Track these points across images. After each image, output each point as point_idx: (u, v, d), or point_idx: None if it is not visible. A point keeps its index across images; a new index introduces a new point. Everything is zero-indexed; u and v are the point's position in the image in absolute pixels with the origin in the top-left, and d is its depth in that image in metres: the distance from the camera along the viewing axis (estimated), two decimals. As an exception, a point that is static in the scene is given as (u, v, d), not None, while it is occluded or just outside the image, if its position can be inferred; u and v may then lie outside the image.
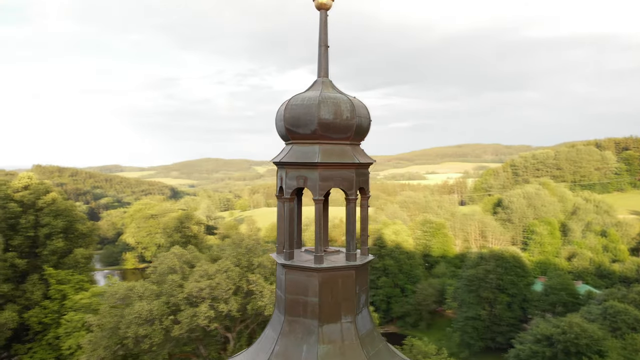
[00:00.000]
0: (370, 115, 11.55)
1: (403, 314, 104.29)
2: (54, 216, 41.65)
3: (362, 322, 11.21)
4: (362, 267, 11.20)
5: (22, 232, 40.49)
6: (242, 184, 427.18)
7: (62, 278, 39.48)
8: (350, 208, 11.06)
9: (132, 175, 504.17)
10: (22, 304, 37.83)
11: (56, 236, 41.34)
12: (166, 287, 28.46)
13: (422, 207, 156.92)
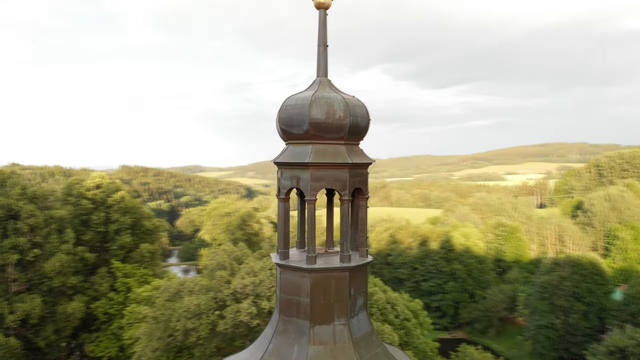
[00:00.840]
0: (369, 114, 11.30)
1: (472, 320, 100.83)
2: (122, 213, 44.54)
3: (357, 325, 10.98)
4: (357, 269, 10.99)
5: (93, 228, 43.61)
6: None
7: (127, 271, 42.11)
8: (344, 209, 10.90)
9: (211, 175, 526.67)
10: (90, 295, 40.79)
11: (124, 232, 44.19)
12: (214, 283, 29.49)
13: (495, 210, 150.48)
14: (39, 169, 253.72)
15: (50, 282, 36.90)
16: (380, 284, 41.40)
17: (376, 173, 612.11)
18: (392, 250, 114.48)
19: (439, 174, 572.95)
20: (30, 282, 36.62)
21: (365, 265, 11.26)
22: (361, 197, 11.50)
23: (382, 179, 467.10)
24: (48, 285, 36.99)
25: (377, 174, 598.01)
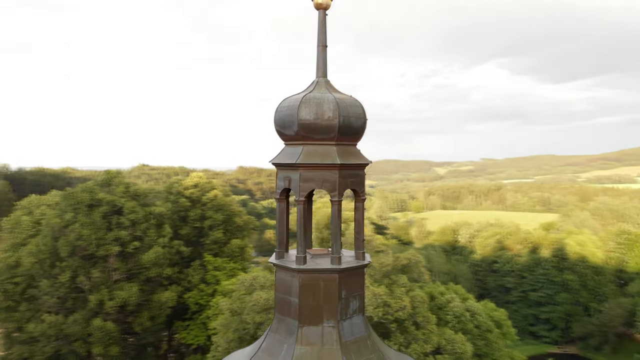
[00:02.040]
0: (365, 114, 11.06)
1: (585, 335, 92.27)
2: (216, 210, 47.67)
3: (350, 329, 10.81)
4: (349, 271, 10.81)
5: (190, 224, 47.19)
6: (419, 185, 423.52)
7: (218, 265, 44.91)
8: (334, 210, 10.79)
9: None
10: (184, 286, 44.17)
11: (217, 228, 47.25)
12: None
13: (619, 215, 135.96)
14: (164, 169, 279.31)
15: (147, 272, 40.54)
16: (462, 291, 39.55)
17: (491, 174, 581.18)
18: (498, 257, 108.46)
19: (563, 176, 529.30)
20: (130, 272, 40.55)
21: (359, 268, 11.02)
22: (357, 199, 11.29)
23: (498, 181, 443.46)
24: (145, 275, 40.67)
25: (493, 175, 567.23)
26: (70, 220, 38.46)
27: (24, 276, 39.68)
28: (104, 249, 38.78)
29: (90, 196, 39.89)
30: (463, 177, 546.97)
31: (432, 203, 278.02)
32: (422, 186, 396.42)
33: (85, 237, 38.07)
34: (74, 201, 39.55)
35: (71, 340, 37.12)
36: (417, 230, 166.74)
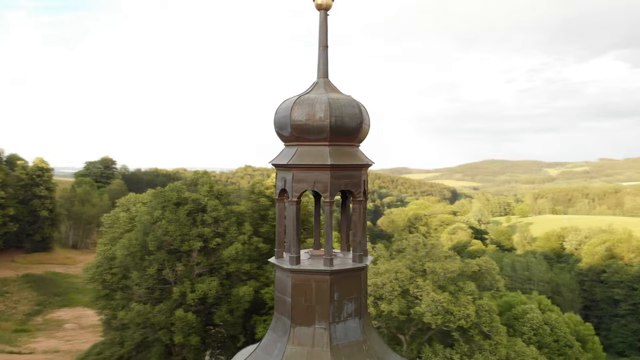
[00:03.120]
0: (362, 114, 10.83)
1: None
2: (296, 210, 48.80)
3: (343, 332, 10.72)
4: (343, 274, 10.73)
5: (269, 222, 48.84)
6: (527, 188, 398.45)
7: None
8: (327, 211, 10.75)
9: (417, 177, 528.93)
10: (262, 281, 45.80)
11: (297, 227, 48.33)
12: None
13: None
14: (265, 170, 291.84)
15: (227, 267, 42.67)
16: (546, 302, 36.61)
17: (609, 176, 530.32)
18: (607, 267, 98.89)
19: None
20: (211, 267, 42.94)
21: (354, 271, 10.86)
22: (353, 200, 11.11)
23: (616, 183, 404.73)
24: (226, 270, 42.83)
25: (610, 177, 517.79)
26: (158, 216, 41.60)
27: (119, 267, 43.69)
28: (187, 244, 41.42)
29: (177, 195, 42.84)
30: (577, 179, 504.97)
31: (540, 207, 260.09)
32: (530, 188, 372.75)
33: (171, 233, 40.96)
34: (162, 199, 42.74)
35: (157, 328, 40.13)
36: (520, 236, 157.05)
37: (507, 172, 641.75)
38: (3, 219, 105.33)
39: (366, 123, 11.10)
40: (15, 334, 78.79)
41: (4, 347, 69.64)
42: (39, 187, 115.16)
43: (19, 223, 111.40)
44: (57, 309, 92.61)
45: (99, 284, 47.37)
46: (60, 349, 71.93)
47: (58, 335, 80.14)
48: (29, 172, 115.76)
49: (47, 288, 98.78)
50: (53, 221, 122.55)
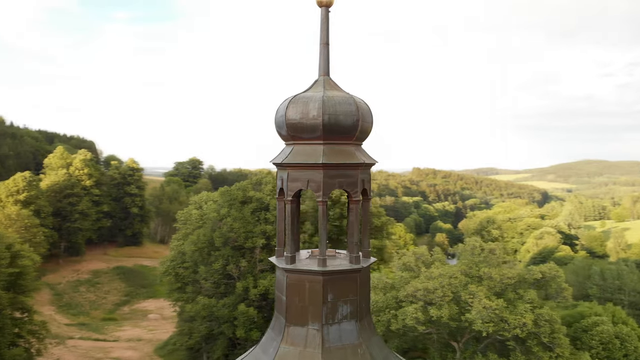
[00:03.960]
0: (359, 111, 10.54)
1: None
2: (351, 210, 48.71)
3: (337, 334, 10.54)
4: (337, 275, 10.51)
5: (331, 222, 49.06)
6: (627, 190, 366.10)
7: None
8: (320, 211, 10.59)
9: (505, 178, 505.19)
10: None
11: (354, 228, 48.24)
12: (397, 282, 29.78)
13: None
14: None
15: (288, 265, 43.46)
16: (621, 313, 33.37)
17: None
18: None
19: None
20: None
21: (349, 272, 10.58)
22: (350, 200, 10.85)
23: None
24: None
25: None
26: (225, 214, 43.24)
27: (190, 262, 45.95)
28: (251, 241, 42.68)
29: (243, 194, 44.30)
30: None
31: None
32: (630, 191, 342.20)
33: (236, 230, 42.42)
34: (229, 198, 44.39)
35: (221, 322, 41.70)
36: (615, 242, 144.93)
37: (605, 173, 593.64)
38: (98, 214, 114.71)
39: (366, 120, 10.79)
40: (103, 322, 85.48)
41: (92, 335, 75.77)
42: (131, 185, 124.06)
43: (112, 219, 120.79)
44: (143, 300, 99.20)
45: (172, 277, 50.09)
46: (143, 338, 76.97)
47: (142, 324, 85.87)
48: (122, 172, 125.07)
49: (135, 280, 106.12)
50: (143, 217, 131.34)
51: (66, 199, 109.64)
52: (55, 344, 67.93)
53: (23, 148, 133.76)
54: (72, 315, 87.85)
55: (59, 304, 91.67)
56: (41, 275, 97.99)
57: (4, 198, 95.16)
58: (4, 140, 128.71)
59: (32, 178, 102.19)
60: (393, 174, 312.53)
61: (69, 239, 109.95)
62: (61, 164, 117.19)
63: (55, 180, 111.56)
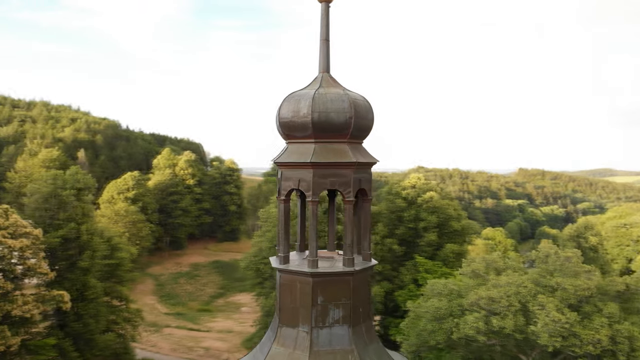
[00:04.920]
0: (353, 109, 10.14)
1: None
2: (430, 212, 46.93)
3: (327, 338, 10.32)
4: (327, 277, 10.24)
5: (405, 224, 47.81)
6: None
7: (429, 268, 44.13)
8: (311, 210, 10.36)
9: (623, 180, 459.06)
10: (397, 284, 44.99)
11: (431, 230, 46.50)
12: (462, 289, 28.23)
13: None
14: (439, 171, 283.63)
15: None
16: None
17: None
18: None
19: None
20: (346, 264, 43.80)
21: (341, 275, 10.22)
22: (343, 201, 10.46)
23: None
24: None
25: None
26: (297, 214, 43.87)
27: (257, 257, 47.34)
28: (322, 240, 42.92)
29: (315, 194, 44.66)
30: None
31: None
32: None
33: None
34: (302, 197, 45.00)
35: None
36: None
37: None
38: (199, 211, 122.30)
39: (362, 117, 10.37)
40: (198, 313, 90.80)
41: (187, 324, 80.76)
42: (229, 184, 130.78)
43: (212, 216, 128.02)
44: (238, 293, 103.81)
45: (253, 272, 51.82)
46: (234, 330, 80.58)
47: (234, 317, 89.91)
48: (222, 172, 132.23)
49: (231, 274, 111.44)
50: (240, 215, 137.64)
51: (170, 196, 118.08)
52: (152, 332, 73.61)
53: (136, 150, 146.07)
54: (171, 305, 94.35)
55: (160, 294, 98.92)
56: (146, 267, 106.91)
57: (115, 195, 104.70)
58: (118, 142, 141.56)
59: (141, 177, 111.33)
60: (495, 175, 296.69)
61: (172, 234, 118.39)
62: (167, 164, 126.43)
63: (161, 179, 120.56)
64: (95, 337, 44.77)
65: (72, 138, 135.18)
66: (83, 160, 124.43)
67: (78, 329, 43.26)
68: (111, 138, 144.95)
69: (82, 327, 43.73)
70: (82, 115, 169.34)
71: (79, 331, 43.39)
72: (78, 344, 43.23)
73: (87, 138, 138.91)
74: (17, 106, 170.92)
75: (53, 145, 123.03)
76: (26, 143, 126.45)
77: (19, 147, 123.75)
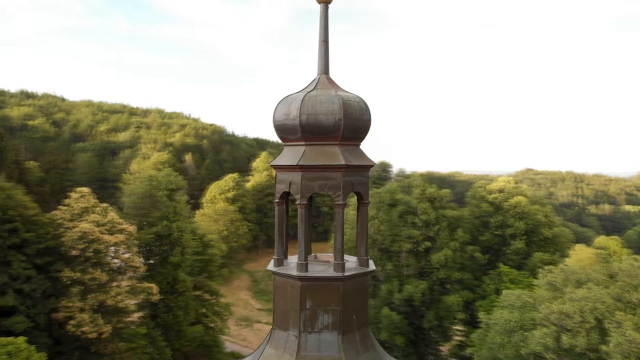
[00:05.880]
0: (343, 110, 9.91)
1: None
2: (518, 218, 43.82)
3: (315, 344, 10.24)
4: (316, 281, 10.12)
5: (491, 230, 45.20)
6: None
7: (514, 278, 41.18)
8: (300, 214, 10.28)
9: None
10: (478, 294, 42.63)
11: (519, 238, 43.42)
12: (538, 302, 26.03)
13: None
14: (550, 173, 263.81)
15: (437, 272, 41.63)
16: None
17: None
18: None
19: None
20: (422, 270, 42.48)
21: (330, 280, 9.98)
22: (334, 204, 10.20)
23: None
24: (436, 276, 41.82)
25: None
26: (372, 216, 43.56)
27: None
28: (397, 245, 42.18)
29: (391, 196, 44.02)
30: None
31: None
32: None
33: (382, 232, 42.39)
34: (378, 200, 44.56)
35: (366, 322, 42.08)
36: None
37: None
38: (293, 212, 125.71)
39: (353, 118, 10.06)
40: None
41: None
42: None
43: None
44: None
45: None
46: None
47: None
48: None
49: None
50: (332, 216, 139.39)
51: (266, 197, 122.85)
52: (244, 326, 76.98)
53: (239, 153, 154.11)
54: (264, 301, 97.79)
55: (254, 290, 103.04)
56: (242, 264, 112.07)
57: (217, 196, 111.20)
58: (223, 146, 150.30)
59: (240, 179, 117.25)
60: (615, 179, 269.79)
61: (267, 233, 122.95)
62: (264, 166, 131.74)
63: (259, 181, 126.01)
64: (184, 328, 47.78)
65: (181, 142, 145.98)
66: (190, 163, 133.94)
67: (168, 319, 46.54)
68: (217, 142, 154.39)
69: (172, 318, 46.98)
70: (192, 121, 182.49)
71: (169, 322, 46.65)
72: (168, 334, 46.52)
73: (194, 142, 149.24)
74: (134, 113, 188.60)
75: (164, 150, 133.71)
76: (140, 147, 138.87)
77: (134, 151, 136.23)
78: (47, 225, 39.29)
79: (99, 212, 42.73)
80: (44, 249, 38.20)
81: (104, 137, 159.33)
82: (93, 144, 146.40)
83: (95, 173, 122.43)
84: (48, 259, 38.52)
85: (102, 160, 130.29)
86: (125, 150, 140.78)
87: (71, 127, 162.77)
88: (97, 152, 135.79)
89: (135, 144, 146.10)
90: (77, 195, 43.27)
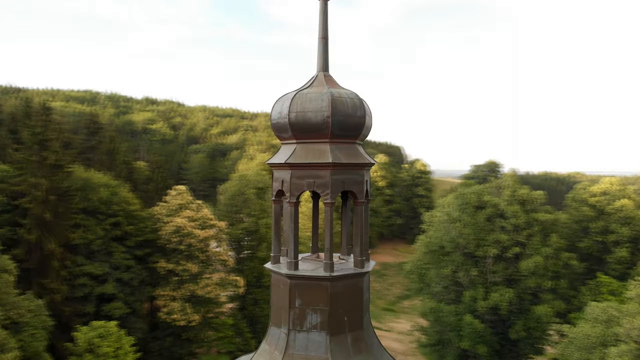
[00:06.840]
0: (332, 108, 9.76)
1: None
2: (622, 224, 39.11)
3: (303, 343, 10.24)
4: (305, 280, 10.09)
5: (591, 236, 40.98)
6: None
7: (614, 289, 36.83)
8: (289, 213, 10.27)
9: None
10: (574, 305, 38.76)
11: (622, 245, 38.78)
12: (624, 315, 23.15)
13: None
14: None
15: (526, 280, 38.81)
16: None
17: None
18: None
19: None
20: (510, 277, 39.82)
21: (318, 280, 9.83)
22: (323, 202, 10.05)
23: None
24: (525, 284, 39.00)
25: None
26: (456, 218, 41.85)
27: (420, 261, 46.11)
28: (482, 249, 40.09)
29: (477, 198, 41.92)
30: None
31: None
32: None
33: (465, 236, 40.52)
34: (462, 201, 42.66)
35: (447, 329, 40.50)
36: None
37: None
38: (389, 212, 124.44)
39: (342, 115, 9.86)
40: (383, 311, 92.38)
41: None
42: (419, 187, 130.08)
43: (402, 217, 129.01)
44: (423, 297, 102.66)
45: (416, 276, 50.97)
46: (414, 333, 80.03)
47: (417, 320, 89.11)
48: (411, 174, 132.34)
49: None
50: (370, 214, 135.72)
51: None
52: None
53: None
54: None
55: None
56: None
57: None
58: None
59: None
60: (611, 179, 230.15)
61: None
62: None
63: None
64: (268, 321, 49.58)
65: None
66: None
67: (254, 312, 48.61)
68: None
69: (259, 311, 48.99)
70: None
71: (255, 315, 48.71)
72: (254, 327, 48.59)
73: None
74: (244, 117, 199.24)
75: (268, 151, 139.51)
76: (247, 149, 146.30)
77: (241, 152, 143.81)
78: (146, 219, 43.02)
79: (193, 208, 45.83)
80: (143, 241, 41.88)
81: (215, 140, 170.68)
82: (206, 145, 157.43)
83: (207, 173, 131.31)
84: (146, 251, 42.14)
85: (212, 160, 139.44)
86: (233, 151, 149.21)
87: (187, 130, 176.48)
88: (209, 153, 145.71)
89: (242, 146, 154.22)
90: (175, 192, 46.81)
